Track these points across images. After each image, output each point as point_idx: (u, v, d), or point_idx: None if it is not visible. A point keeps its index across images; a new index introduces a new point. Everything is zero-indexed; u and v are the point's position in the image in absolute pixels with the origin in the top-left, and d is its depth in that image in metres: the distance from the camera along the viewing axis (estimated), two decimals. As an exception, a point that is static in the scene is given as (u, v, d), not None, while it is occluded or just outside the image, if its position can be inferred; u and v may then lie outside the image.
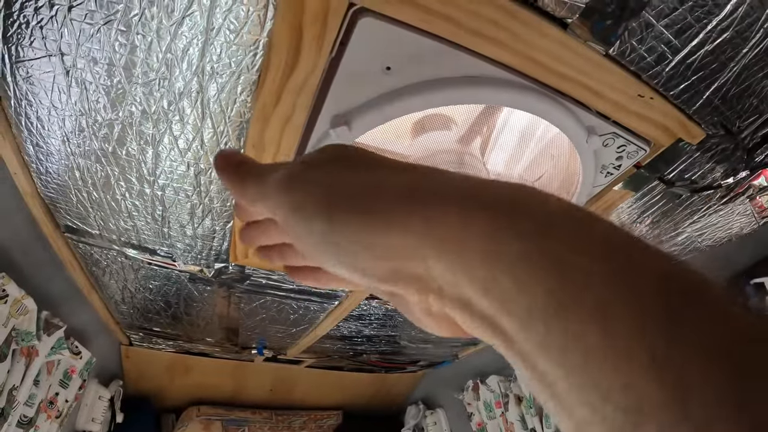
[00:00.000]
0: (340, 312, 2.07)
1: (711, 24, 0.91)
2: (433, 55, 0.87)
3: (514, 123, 1.32)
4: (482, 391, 3.14)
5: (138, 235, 1.41)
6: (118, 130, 1.03)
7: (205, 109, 0.97)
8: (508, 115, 1.29)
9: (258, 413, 3.35)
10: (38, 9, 0.80)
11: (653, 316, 0.24)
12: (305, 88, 0.91)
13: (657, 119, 1.10)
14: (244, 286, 1.75)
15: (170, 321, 2.13)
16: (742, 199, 1.58)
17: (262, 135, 1.02)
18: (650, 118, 1.10)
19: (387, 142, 1.22)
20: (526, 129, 1.34)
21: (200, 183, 1.18)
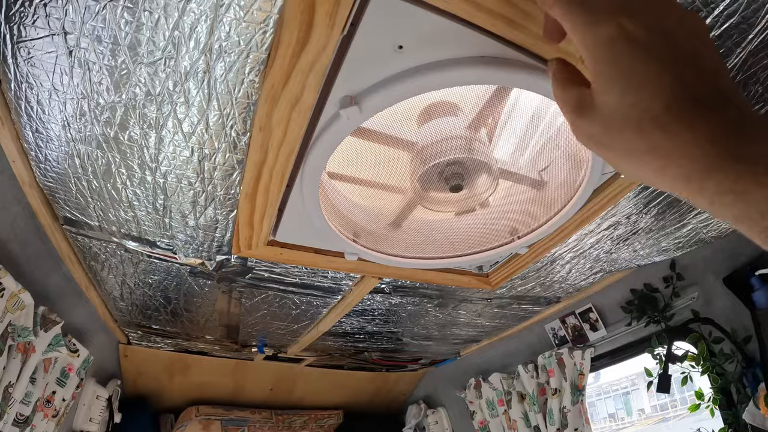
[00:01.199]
0: (343, 307, 2.05)
1: (718, 9, 0.92)
2: (447, 35, 0.86)
3: (520, 112, 1.31)
4: (484, 389, 3.14)
5: (138, 226, 1.38)
6: (120, 113, 1.01)
7: (211, 89, 0.94)
8: (513, 105, 1.27)
9: (258, 413, 3.33)
10: (43, -14, 0.78)
11: None
12: (315, 67, 0.88)
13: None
14: (246, 279, 1.72)
15: (169, 318, 2.10)
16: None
17: (270, 116, 0.98)
18: None
19: (395, 127, 1.19)
20: (532, 119, 1.32)
21: (204, 169, 1.15)
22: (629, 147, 0.49)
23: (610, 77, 0.50)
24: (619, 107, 0.49)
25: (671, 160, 0.46)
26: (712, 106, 0.44)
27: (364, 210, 1.46)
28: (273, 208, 1.26)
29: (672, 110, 0.45)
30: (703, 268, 2.19)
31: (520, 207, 1.51)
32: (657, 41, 0.48)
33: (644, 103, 0.47)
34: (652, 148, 0.47)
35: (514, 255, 1.78)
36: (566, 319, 2.72)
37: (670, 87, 0.46)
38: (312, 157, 1.07)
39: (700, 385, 2.25)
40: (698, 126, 0.44)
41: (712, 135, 0.43)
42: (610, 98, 0.50)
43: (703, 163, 0.43)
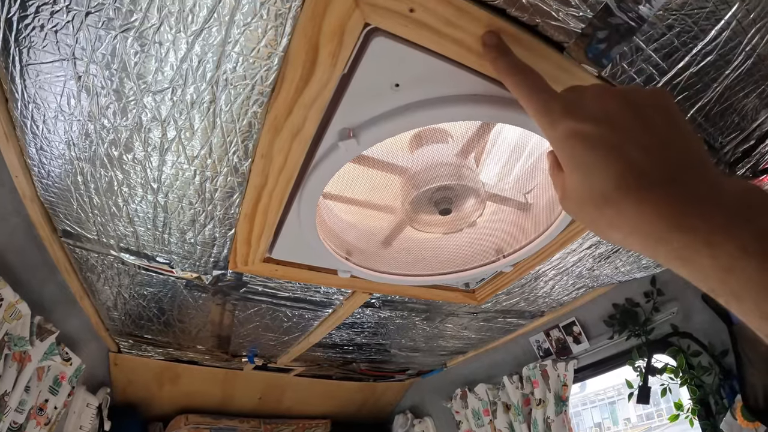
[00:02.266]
0: (333, 320, 2.09)
1: (696, 48, 0.96)
2: (440, 74, 0.91)
3: (505, 138, 1.36)
4: (470, 399, 3.18)
5: (137, 240, 1.42)
6: (125, 135, 1.05)
7: (216, 118, 0.99)
8: (499, 131, 1.32)
9: (246, 422, 3.34)
10: (54, 13, 0.82)
11: None
12: (317, 102, 0.94)
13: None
14: (240, 293, 1.76)
15: (162, 328, 2.13)
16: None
17: (272, 145, 1.04)
18: None
19: (389, 153, 1.24)
20: (517, 144, 1.38)
21: (205, 190, 1.20)
22: (596, 221, 0.58)
23: (571, 167, 0.60)
24: (581, 190, 0.58)
25: (627, 233, 0.54)
26: (659, 183, 0.52)
27: (357, 229, 1.51)
28: (270, 228, 1.31)
29: (621, 190, 0.53)
30: (683, 285, 2.23)
31: (506, 227, 1.55)
32: (603, 131, 0.57)
33: (597, 186, 0.56)
34: (610, 224, 0.56)
35: (500, 273, 1.83)
36: (550, 332, 2.77)
37: (618, 170, 0.54)
38: (310, 183, 1.12)
39: (680, 397, 2.30)
40: (646, 203, 0.51)
41: (657, 210, 0.50)
42: (574, 183, 0.60)
43: (652, 234, 0.51)
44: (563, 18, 0.85)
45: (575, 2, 0.82)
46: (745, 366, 1.91)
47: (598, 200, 0.55)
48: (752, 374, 1.88)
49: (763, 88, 1.15)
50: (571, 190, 0.61)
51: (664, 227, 0.49)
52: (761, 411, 1.85)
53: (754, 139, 1.35)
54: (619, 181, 0.54)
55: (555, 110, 0.64)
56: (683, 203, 0.49)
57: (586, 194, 0.57)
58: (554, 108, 0.64)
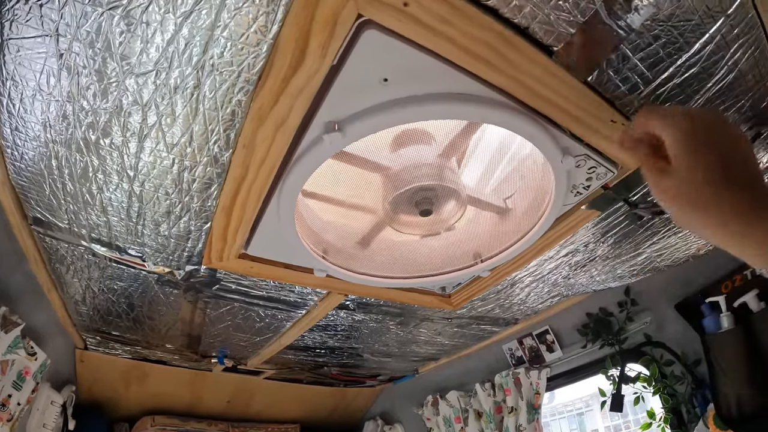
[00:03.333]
0: (307, 321, 2.07)
1: (681, 59, 0.98)
2: (429, 71, 0.91)
3: (488, 142, 1.36)
4: (442, 407, 3.17)
5: (109, 231, 1.38)
6: (104, 119, 1.02)
7: (199, 105, 0.97)
8: (481, 134, 1.33)
9: (215, 425, 3.28)
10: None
11: None
12: (304, 92, 0.92)
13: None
14: (213, 290, 1.73)
15: (131, 325, 2.08)
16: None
17: (255, 135, 1.02)
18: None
19: (371, 151, 1.23)
20: (499, 149, 1.38)
21: (183, 180, 1.17)
22: (690, 200, 0.78)
23: (684, 157, 0.79)
24: (688, 175, 0.78)
25: (719, 215, 0.75)
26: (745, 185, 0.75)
27: (335, 228, 1.49)
28: (248, 222, 1.29)
29: (719, 183, 0.75)
30: (657, 295, 2.27)
31: (485, 232, 1.55)
32: (710, 139, 0.79)
33: (702, 175, 0.76)
34: (706, 204, 0.76)
35: (477, 277, 1.82)
36: (523, 340, 2.78)
37: (719, 167, 0.76)
38: (291, 177, 1.11)
39: (652, 405, 2.32)
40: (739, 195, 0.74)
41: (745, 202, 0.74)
42: (683, 168, 0.79)
43: (741, 216, 0.73)
44: (554, 21, 0.86)
45: (567, 6, 0.83)
46: (718, 375, 1.93)
47: (702, 185, 0.76)
48: (725, 383, 1.91)
49: (743, 103, 1.17)
50: (677, 172, 0.80)
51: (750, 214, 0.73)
52: (734, 420, 1.87)
53: None
54: (719, 175, 0.76)
55: (679, 119, 0.82)
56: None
57: (692, 178, 0.77)
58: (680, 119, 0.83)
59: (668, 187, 0.81)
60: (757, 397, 1.82)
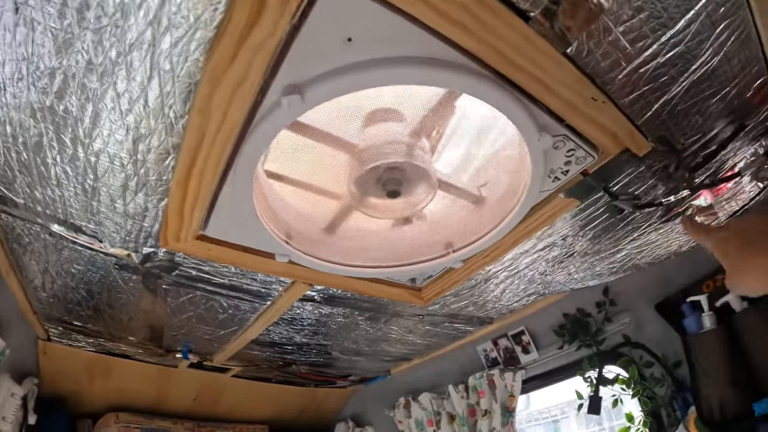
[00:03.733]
0: (271, 314, 2.01)
1: (665, 36, 0.95)
2: (397, 32, 0.86)
3: (465, 130, 1.32)
4: (414, 409, 3.13)
5: (65, 207, 1.31)
6: (59, 80, 0.95)
7: (154, 64, 0.91)
8: (458, 121, 1.29)
9: (180, 423, 3.20)
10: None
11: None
12: (262, 50, 0.86)
13: (607, 125, 1.14)
14: (173, 276, 1.66)
15: (92, 314, 2.01)
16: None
17: (210, 98, 0.95)
18: (600, 123, 1.13)
19: (338, 127, 1.20)
20: (476, 137, 1.34)
21: (138, 150, 1.10)
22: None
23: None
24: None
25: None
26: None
27: (300, 212, 1.44)
28: (205, 198, 1.22)
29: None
30: (636, 295, 2.25)
31: (458, 221, 1.51)
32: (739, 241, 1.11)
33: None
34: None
35: (449, 270, 1.78)
36: (498, 341, 2.74)
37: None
38: (248, 147, 1.05)
39: (631, 409, 2.30)
40: None
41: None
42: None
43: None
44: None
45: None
46: (700, 376, 1.91)
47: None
48: (706, 385, 1.88)
49: (728, 90, 1.15)
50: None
51: None
52: (716, 423, 1.85)
53: (715, 144, 1.36)
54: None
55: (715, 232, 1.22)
56: None
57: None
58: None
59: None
60: (740, 398, 1.79)
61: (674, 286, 2.12)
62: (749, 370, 1.81)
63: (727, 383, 1.82)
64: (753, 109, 1.27)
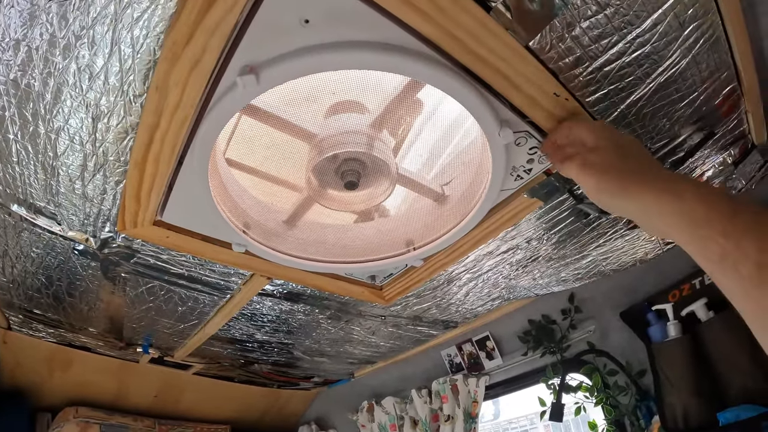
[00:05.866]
0: (230, 307, 1.99)
1: (631, 35, 0.96)
2: (354, 15, 0.85)
3: (431, 129, 1.34)
4: (377, 413, 3.12)
5: (25, 187, 1.30)
6: (23, 53, 0.95)
7: (115, 39, 0.90)
8: (425, 119, 1.30)
9: (140, 420, 3.16)
10: None
11: None
12: (220, 29, 0.86)
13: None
14: (131, 264, 1.65)
15: (51, 302, 1.98)
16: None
17: (168, 76, 0.95)
18: (564, 120, 1.12)
19: (298, 116, 1.19)
20: (442, 135, 1.36)
21: (97, 129, 1.09)
22: (615, 167, 0.96)
23: (608, 138, 1.01)
24: (612, 150, 0.98)
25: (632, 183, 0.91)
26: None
27: (260, 203, 1.44)
28: (162, 181, 1.21)
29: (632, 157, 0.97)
30: (601, 302, 2.26)
31: (420, 220, 1.52)
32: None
33: (621, 151, 0.98)
34: (625, 172, 0.94)
35: (410, 269, 1.78)
36: (463, 346, 2.74)
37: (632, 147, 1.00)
38: (205, 128, 1.05)
39: (594, 417, 2.30)
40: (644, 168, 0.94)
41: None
42: (608, 146, 0.99)
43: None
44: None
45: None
46: (664, 385, 1.92)
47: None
48: (671, 394, 1.89)
49: (696, 95, 1.16)
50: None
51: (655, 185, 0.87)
52: (680, 431, 1.84)
53: (683, 151, 1.38)
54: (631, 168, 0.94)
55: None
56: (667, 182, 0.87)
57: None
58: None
59: (595, 162, 0.96)
60: (704, 407, 1.80)
61: (640, 294, 2.13)
62: (714, 380, 1.81)
63: (691, 392, 1.82)
64: (721, 118, 1.29)
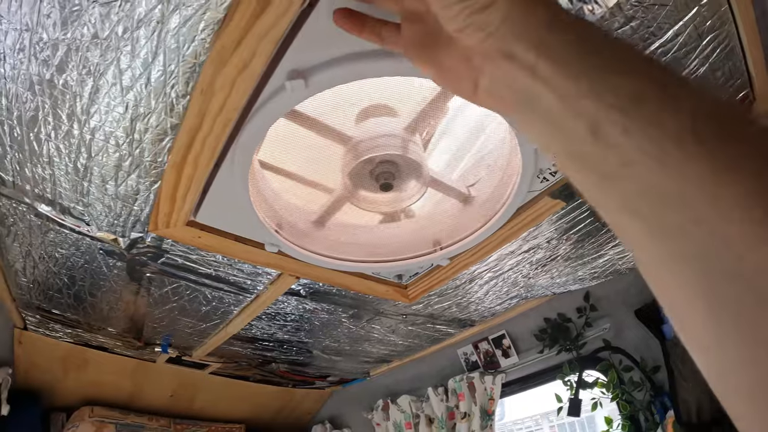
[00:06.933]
0: (255, 307, 2.00)
1: (654, 44, 0.99)
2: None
3: (456, 131, 1.35)
4: (392, 411, 3.12)
5: (54, 187, 1.30)
6: (61, 53, 0.94)
7: (160, 42, 0.90)
8: (451, 120, 1.31)
9: (155, 420, 3.16)
10: None
11: None
12: (270, 35, 0.86)
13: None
14: (158, 264, 1.65)
15: (72, 302, 1.99)
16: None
17: (214, 79, 0.95)
18: None
19: (334, 118, 1.20)
20: (467, 137, 1.37)
21: (135, 129, 1.10)
22: None
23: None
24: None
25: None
26: None
27: (291, 204, 1.45)
28: (199, 182, 1.22)
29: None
30: (616, 300, 2.27)
31: (446, 220, 1.53)
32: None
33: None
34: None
35: (435, 267, 1.78)
36: (479, 344, 2.75)
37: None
38: (248, 131, 1.05)
39: (609, 413, 2.32)
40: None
41: None
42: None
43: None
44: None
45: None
46: (678, 381, 1.93)
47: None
48: (685, 389, 1.90)
49: None
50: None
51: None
52: (694, 426, 1.87)
53: None
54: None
55: None
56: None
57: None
58: None
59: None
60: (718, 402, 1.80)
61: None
62: (727, 375, 1.83)
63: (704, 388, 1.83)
64: None
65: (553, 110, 0.44)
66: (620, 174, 0.40)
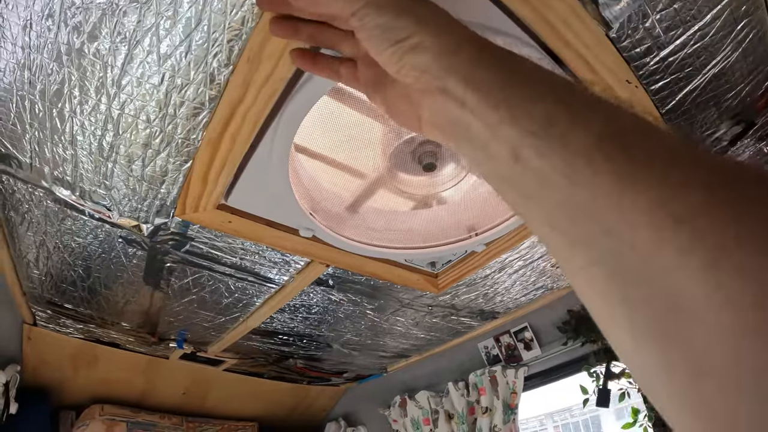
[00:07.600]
0: (280, 298, 1.95)
1: (694, 27, 1.00)
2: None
3: None
4: (410, 407, 3.08)
5: (75, 169, 1.23)
6: (94, 18, 0.88)
7: (206, 6, 0.84)
8: None
9: (167, 418, 3.10)
10: None
11: None
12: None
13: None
14: (181, 252, 1.58)
15: (86, 295, 1.92)
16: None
17: (263, 47, 0.89)
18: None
19: None
20: None
21: (169, 103, 1.03)
22: None
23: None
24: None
25: None
26: None
27: (324, 188, 1.38)
28: (234, 161, 1.15)
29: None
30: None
31: (481, 205, 1.48)
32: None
33: None
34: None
35: (469, 255, 1.73)
36: (500, 337, 2.70)
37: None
38: (293, 105, 0.99)
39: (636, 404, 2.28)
40: None
41: None
42: None
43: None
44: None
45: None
46: None
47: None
48: None
49: (741, 87, 1.20)
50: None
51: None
52: None
53: (727, 140, 1.41)
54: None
55: None
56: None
57: None
58: None
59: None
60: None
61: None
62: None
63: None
64: (760, 110, 1.33)
65: (480, 137, 0.48)
66: (539, 194, 0.43)
